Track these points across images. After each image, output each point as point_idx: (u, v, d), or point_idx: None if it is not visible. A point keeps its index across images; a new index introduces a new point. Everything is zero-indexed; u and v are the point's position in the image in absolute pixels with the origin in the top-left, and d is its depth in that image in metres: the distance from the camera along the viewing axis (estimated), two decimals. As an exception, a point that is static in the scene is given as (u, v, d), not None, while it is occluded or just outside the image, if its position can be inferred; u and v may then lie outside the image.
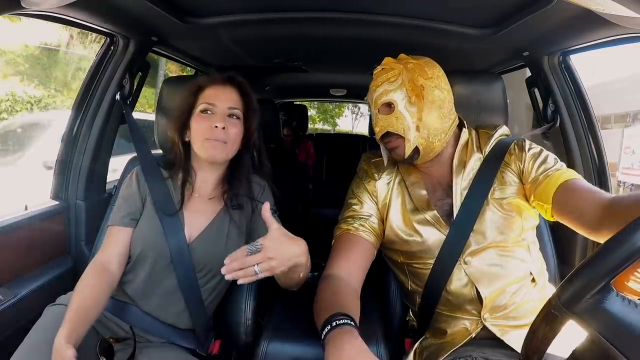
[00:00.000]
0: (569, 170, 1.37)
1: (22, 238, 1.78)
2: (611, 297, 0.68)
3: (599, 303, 0.68)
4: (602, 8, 1.17)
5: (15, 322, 1.62)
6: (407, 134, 1.41)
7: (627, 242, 0.66)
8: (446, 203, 1.48)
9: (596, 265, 0.68)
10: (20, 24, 12.53)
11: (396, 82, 1.41)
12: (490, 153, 1.50)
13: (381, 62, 1.47)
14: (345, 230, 1.50)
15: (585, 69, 4.02)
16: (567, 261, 1.89)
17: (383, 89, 1.43)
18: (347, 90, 4.70)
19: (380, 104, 1.43)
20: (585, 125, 1.94)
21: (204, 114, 1.52)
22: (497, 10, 1.70)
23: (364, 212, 1.53)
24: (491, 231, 1.40)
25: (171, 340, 1.50)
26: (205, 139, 1.49)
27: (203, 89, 1.56)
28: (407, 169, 1.56)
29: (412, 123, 1.40)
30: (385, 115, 1.43)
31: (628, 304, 0.68)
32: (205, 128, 1.49)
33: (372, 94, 1.47)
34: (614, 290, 0.68)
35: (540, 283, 1.45)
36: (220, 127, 1.48)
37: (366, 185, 1.57)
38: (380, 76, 1.45)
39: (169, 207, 1.52)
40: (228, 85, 1.57)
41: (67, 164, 2.07)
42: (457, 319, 1.42)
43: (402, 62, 1.45)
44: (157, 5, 1.66)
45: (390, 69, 1.44)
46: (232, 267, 1.11)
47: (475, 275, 1.39)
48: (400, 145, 1.44)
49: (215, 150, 1.50)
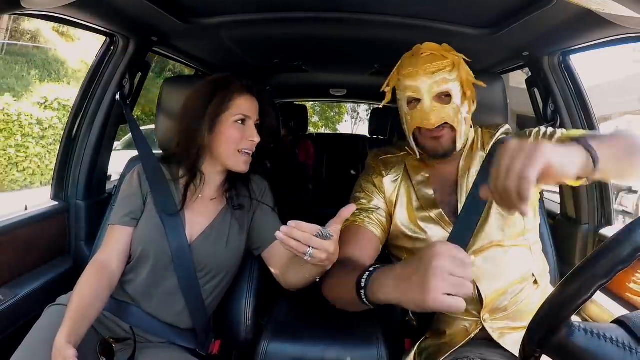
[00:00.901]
0: (574, 130, 1.36)
1: (22, 238, 1.78)
2: (574, 332, 0.72)
3: (564, 339, 0.72)
4: (602, 8, 1.17)
5: (15, 322, 1.62)
6: (460, 126, 1.41)
7: (577, 282, 0.72)
8: (453, 199, 1.48)
9: (554, 308, 0.73)
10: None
11: (454, 73, 1.40)
12: (492, 151, 1.49)
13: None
14: (351, 222, 1.48)
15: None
16: (567, 261, 1.89)
17: (441, 77, 1.38)
18: (347, 91, 4.70)
19: (438, 91, 1.39)
20: (586, 126, 1.94)
21: (239, 124, 1.52)
22: (497, 10, 1.70)
23: (371, 205, 1.52)
24: (494, 230, 1.41)
25: (171, 340, 1.50)
26: (237, 150, 1.51)
27: (235, 96, 1.54)
28: (415, 167, 1.56)
29: (464, 117, 1.41)
30: (442, 104, 1.39)
31: (591, 336, 0.72)
32: (240, 138, 1.51)
33: (423, 79, 1.39)
34: (576, 325, 0.73)
35: (542, 285, 1.45)
36: (256, 140, 1.52)
37: (374, 180, 1.56)
38: (433, 62, 1.39)
39: (171, 207, 1.51)
40: (255, 97, 1.59)
41: (67, 164, 2.07)
42: (457, 320, 1.42)
43: (450, 52, 1.43)
44: (157, 5, 1.66)
45: (442, 57, 1.40)
46: (294, 234, 1.05)
47: (477, 274, 1.38)
48: (447, 135, 1.43)
49: (246, 163, 1.54)
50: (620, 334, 0.73)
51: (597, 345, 0.71)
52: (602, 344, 0.72)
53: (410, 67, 1.41)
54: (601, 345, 0.71)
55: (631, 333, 0.73)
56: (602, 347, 0.71)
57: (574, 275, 0.72)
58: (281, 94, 4.95)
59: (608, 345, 0.71)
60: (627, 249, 0.69)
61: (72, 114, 2.05)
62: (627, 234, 0.71)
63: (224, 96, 1.52)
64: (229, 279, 1.60)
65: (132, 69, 2.08)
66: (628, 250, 0.69)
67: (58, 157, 2.08)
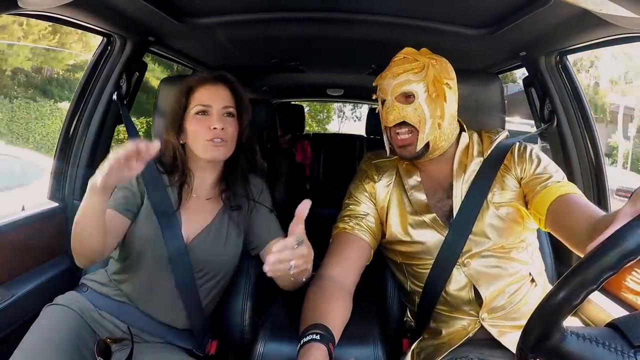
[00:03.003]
0: (568, 184, 1.37)
1: (19, 238, 1.78)
2: (567, 337, 0.73)
3: (557, 344, 0.73)
4: (599, 8, 1.17)
5: (13, 322, 1.62)
6: (423, 126, 1.41)
7: (567, 287, 0.72)
8: (446, 204, 1.48)
9: (546, 314, 0.74)
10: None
11: (420, 74, 1.40)
12: (490, 156, 1.50)
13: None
14: (341, 229, 1.51)
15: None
16: (565, 261, 1.90)
17: (405, 78, 1.41)
18: (344, 90, 4.70)
19: (400, 92, 1.41)
20: (582, 126, 1.94)
21: (200, 116, 1.52)
22: (494, 10, 1.70)
23: (360, 211, 1.53)
24: (491, 234, 1.41)
25: (168, 340, 1.51)
26: (206, 140, 1.49)
27: (194, 89, 1.55)
28: (407, 171, 1.56)
29: (429, 118, 1.40)
30: (402, 104, 1.41)
31: (583, 341, 0.73)
32: (203, 130, 1.49)
33: (389, 80, 1.44)
34: (568, 330, 0.74)
35: (540, 283, 1.46)
36: (220, 127, 1.49)
37: (365, 186, 1.57)
38: (402, 65, 1.43)
39: (166, 208, 1.52)
40: (220, 84, 1.57)
41: (65, 165, 2.06)
42: (454, 319, 1.43)
43: (425, 56, 1.44)
44: (154, 5, 1.66)
45: (414, 60, 1.42)
46: (286, 255, 1.08)
47: (474, 277, 1.39)
48: (413, 141, 1.43)
49: (217, 151, 1.51)
50: (612, 338, 0.74)
51: (589, 350, 0.72)
52: (595, 349, 0.72)
53: (385, 70, 1.46)
54: (594, 350, 0.72)
55: (624, 337, 0.74)
56: (594, 352, 0.72)
57: (563, 281, 0.72)
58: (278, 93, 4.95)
59: (600, 350, 0.72)
60: (614, 257, 0.70)
61: (69, 114, 2.05)
62: (614, 240, 0.71)
63: (182, 94, 1.55)
64: (227, 280, 1.61)
65: (129, 69, 2.08)
66: (616, 257, 0.70)
67: (55, 157, 2.07)
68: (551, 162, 1.47)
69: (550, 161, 1.47)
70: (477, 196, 1.43)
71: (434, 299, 1.44)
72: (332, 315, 1.25)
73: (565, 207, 1.29)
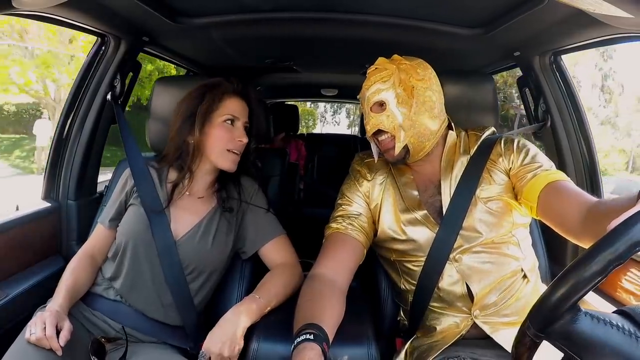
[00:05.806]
0: (558, 172, 1.38)
1: (13, 238, 1.77)
2: (580, 317, 0.70)
3: (569, 324, 0.69)
4: (593, 8, 1.18)
5: (6, 322, 1.62)
6: (398, 132, 1.42)
7: (587, 266, 0.68)
8: (437, 200, 1.50)
9: (560, 290, 0.69)
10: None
11: (388, 82, 1.43)
12: (476, 152, 1.51)
13: (373, 62, 1.48)
14: (334, 230, 1.52)
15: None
16: (558, 259, 1.90)
17: (375, 88, 1.44)
18: (338, 90, 4.71)
19: (373, 102, 1.45)
20: (577, 125, 1.95)
21: (228, 125, 1.57)
22: (488, 10, 1.70)
23: (353, 211, 1.54)
24: (481, 229, 1.42)
25: (162, 339, 1.51)
26: (227, 149, 1.56)
27: (225, 97, 1.59)
28: (399, 169, 1.58)
29: (403, 122, 1.42)
30: (376, 113, 1.44)
31: (597, 322, 0.70)
32: (229, 139, 1.55)
33: (364, 92, 1.48)
34: (582, 310, 0.70)
35: (532, 279, 1.46)
36: (245, 141, 1.57)
37: (358, 186, 1.58)
38: (374, 75, 1.46)
39: (156, 205, 1.54)
40: (245, 99, 1.63)
41: (59, 164, 2.06)
42: (447, 316, 1.44)
43: (395, 63, 1.47)
44: (148, 5, 1.66)
45: (384, 69, 1.45)
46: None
47: (466, 272, 1.40)
48: (392, 146, 1.45)
49: (233, 162, 1.59)
50: (625, 322, 0.71)
51: (603, 332, 0.69)
52: (609, 331, 0.69)
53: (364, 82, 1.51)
54: (608, 332, 0.69)
55: (635, 323, 0.71)
56: (608, 334, 0.69)
57: (591, 252, 0.68)
58: (272, 94, 4.96)
59: (615, 332, 0.69)
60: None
61: (63, 114, 2.04)
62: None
63: (214, 97, 1.57)
64: (215, 279, 1.61)
65: (123, 69, 2.08)
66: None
67: (49, 157, 2.07)
68: (540, 152, 1.47)
69: (539, 151, 1.48)
70: (465, 192, 1.45)
71: (427, 296, 1.45)
72: (326, 315, 1.25)
73: (556, 194, 1.31)
